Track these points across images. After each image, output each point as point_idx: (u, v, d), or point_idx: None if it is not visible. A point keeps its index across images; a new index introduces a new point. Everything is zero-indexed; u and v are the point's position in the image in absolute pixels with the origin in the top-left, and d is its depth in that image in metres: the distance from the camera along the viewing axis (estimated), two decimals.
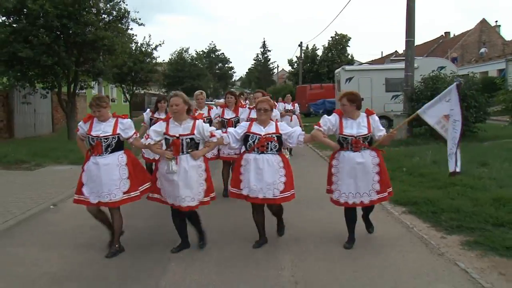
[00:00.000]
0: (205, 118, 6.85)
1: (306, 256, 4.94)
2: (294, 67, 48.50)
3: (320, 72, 43.78)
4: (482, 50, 37.40)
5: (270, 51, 74.53)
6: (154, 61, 28.02)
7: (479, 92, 14.70)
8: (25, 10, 13.69)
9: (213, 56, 68.89)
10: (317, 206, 6.83)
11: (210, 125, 6.61)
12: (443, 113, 5.05)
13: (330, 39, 45.97)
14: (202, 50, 64.03)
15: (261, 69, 70.09)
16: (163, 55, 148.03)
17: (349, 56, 45.42)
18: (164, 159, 4.81)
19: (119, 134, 4.98)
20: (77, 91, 16.40)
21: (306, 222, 6.21)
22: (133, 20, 16.34)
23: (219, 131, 5.27)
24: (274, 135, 5.02)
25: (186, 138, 4.83)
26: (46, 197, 7.75)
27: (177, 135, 4.82)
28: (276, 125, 5.15)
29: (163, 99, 7.99)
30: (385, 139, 5.09)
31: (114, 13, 15.66)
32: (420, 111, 5.27)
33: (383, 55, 56.27)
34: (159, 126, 4.97)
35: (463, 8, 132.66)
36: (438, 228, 5.78)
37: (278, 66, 71.92)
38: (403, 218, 6.30)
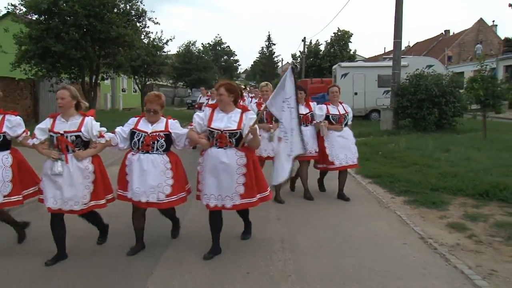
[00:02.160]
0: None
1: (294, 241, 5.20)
2: (298, 61, 50.13)
3: (323, 67, 45.19)
4: (478, 50, 38.03)
5: (274, 44, 76.21)
6: (165, 54, 29.84)
7: (457, 89, 16.49)
8: (54, 9, 15.56)
9: (219, 49, 70.43)
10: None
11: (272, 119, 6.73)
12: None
13: (333, 35, 47.45)
14: (208, 43, 65.68)
15: (266, 62, 71.74)
16: (170, 46, 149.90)
17: (351, 52, 46.81)
18: (50, 159, 4.43)
19: (5, 132, 4.64)
20: (98, 81, 18.28)
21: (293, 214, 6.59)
22: (149, 19, 18.23)
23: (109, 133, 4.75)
24: (161, 133, 4.62)
25: (71, 136, 4.44)
26: None
27: (62, 132, 4.44)
28: (167, 123, 4.72)
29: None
30: (250, 139, 4.61)
31: (133, 12, 17.50)
32: (268, 103, 4.97)
33: (386, 51, 57.80)
34: (44, 123, 4.59)
35: (464, 7, 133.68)
36: (392, 192, 7.66)
37: (282, 60, 73.57)
38: (368, 186, 8.16)
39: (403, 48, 53.82)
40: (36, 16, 16.09)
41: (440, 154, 10.65)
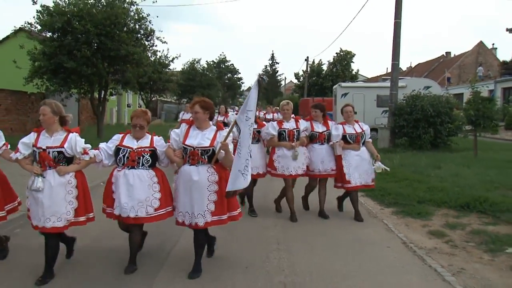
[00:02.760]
0: (295, 131, 7.00)
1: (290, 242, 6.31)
2: (300, 80, 50.99)
3: (325, 86, 45.91)
4: (480, 73, 38.67)
5: (278, 63, 77.37)
6: (170, 71, 30.76)
7: (452, 109, 17.12)
8: (67, 27, 16.37)
9: (223, 66, 71.56)
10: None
11: (299, 137, 7.00)
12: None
13: (335, 55, 48.36)
14: (213, 60, 66.80)
15: (269, 80, 72.79)
16: (175, 63, 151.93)
17: (353, 72, 47.57)
18: (32, 174, 4.36)
19: None
20: (107, 96, 19.01)
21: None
22: (157, 38, 19.08)
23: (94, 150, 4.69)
24: (146, 149, 4.67)
25: (54, 151, 4.37)
26: (96, 177, 10.14)
27: (44, 147, 4.39)
28: (152, 139, 4.77)
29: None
30: (222, 155, 4.63)
31: (142, 31, 18.33)
32: (237, 118, 4.75)
33: (387, 72, 58.70)
34: (28, 138, 4.51)
35: (465, 29, 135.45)
36: (381, 204, 8.25)
37: (285, 78, 74.74)
38: (360, 199, 8.61)
39: (404, 68, 54.99)
40: (50, 33, 16.93)
41: (431, 170, 11.22)
